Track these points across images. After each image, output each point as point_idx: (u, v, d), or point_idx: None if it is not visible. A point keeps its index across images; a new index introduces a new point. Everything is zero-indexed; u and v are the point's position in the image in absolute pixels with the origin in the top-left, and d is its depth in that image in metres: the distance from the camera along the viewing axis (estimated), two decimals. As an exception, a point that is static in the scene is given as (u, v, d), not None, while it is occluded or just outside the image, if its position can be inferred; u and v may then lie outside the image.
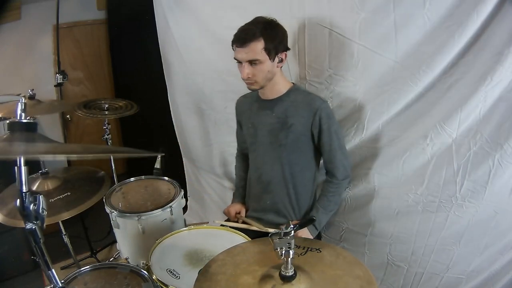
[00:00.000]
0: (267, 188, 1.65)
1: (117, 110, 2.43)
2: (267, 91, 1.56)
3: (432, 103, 1.47)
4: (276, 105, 1.56)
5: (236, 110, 1.78)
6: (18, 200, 0.87)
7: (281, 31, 1.48)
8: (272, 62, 1.45)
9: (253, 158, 1.71)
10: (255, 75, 1.45)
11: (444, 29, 1.34)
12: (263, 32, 1.40)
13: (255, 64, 1.43)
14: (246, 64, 1.43)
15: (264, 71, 1.45)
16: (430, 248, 1.62)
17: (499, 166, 1.37)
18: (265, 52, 1.41)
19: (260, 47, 1.40)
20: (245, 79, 1.47)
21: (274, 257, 0.91)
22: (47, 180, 1.71)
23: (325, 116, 1.49)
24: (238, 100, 1.77)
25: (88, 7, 3.20)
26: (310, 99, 1.53)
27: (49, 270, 0.94)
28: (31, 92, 1.99)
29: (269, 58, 1.43)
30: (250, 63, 1.43)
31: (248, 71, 1.44)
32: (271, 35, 1.42)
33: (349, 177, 1.65)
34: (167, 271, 1.32)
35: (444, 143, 1.47)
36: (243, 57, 1.42)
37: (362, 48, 1.53)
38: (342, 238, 1.90)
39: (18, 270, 2.42)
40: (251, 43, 1.39)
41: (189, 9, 2.12)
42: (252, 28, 1.41)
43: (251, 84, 1.50)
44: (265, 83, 1.50)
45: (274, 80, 1.52)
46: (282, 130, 1.54)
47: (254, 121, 1.64)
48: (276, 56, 1.45)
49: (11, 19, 2.68)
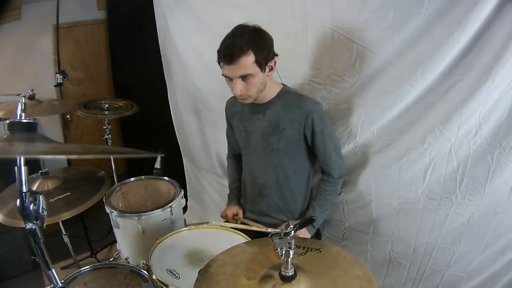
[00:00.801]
0: (262, 192, 1.65)
1: (117, 110, 2.43)
2: (258, 97, 1.52)
3: (430, 106, 1.44)
4: (268, 109, 1.53)
5: (226, 111, 1.74)
6: (18, 200, 0.87)
7: (268, 38, 1.40)
8: (264, 73, 1.39)
9: (247, 161, 1.69)
10: (248, 90, 1.39)
11: (443, 28, 1.31)
12: (250, 44, 1.31)
13: (247, 79, 1.36)
14: (237, 81, 1.36)
15: (257, 84, 1.39)
16: (431, 245, 1.63)
17: (498, 164, 1.37)
18: (257, 65, 1.34)
19: (251, 61, 1.32)
20: (238, 96, 1.41)
21: (274, 257, 0.91)
22: (47, 180, 1.71)
23: (317, 119, 1.46)
24: (228, 101, 1.73)
25: (88, 7, 3.20)
26: (301, 102, 1.49)
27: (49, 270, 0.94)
28: (31, 92, 1.98)
29: (260, 70, 1.37)
30: (242, 79, 1.36)
31: (240, 88, 1.37)
32: (260, 46, 1.34)
33: (344, 176, 1.64)
34: (167, 271, 1.32)
35: (443, 147, 1.45)
36: (234, 74, 1.35)
37: (361, 48, 1.51)
38: (345, 236, 1.90)
39: (18, 270, 2.42)
40: (240, 58, 1.31)
41: (187, 8, 2.11)
42: (238, 42, 1.31)
43: (244, 100, 1.44)
44: (257, 95, 1.45)
45: (265, 87, 1.48)
46: (274, 135, 1.52)
47: (246, 125, 1.61)
48: (266, 66, 1.40)
49: (11, 19, 2.68)
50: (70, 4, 2.93)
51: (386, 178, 1.64)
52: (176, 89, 2.52)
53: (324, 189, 1.60)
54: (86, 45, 3.29)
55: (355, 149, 1.68)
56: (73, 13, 3.06)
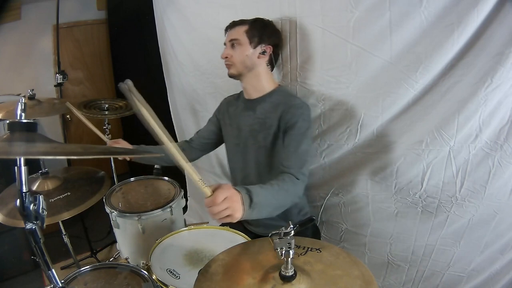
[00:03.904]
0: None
1: (117, 110, 2.43)
2: (250, 88, 1.53)
3: (429, 107, 1.41)
4: (258, 105, 1.53)
5: (219, 107, 1.73)
6: (18, 200, 0.87)
7: (272, 27, 1.54)
8: (253, 49, 1.47)
9: (237, 159, 1.65)
10: (233, 57, 1.49)
11: (443, 28, 1.29)
12: (252, 21, 1.49)
13: (235, 46, 1.48)
14: (228, 44, 1.51)
15: (242, 54, 1.47)
16: (431, 247, 1.62)
17: (499, 166, 1.36)
18: (246, 35, 1.46)
19: (243, 29, 1.47)
20: (223, 58, 1.51)
21: (274, 257, 0.90)
22: (47, 180, 1.71)
23: (298, 114, 1.40)
24: (225, 100, 1.73)
25: (88, 7, 3.20)
26: (289, 100, 1.47)
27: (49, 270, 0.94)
28: (31, 92, 1.98)
29: (249, 42, 1.46)
30: (232, 45, 1.49)
31: (228, 51, 1.50)
32: (258, 25, 1.49)
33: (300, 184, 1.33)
34: (167, 271, 1.32)
35: (441, 150, 1.43)
36: (227, 39, 1.51)
37: (356, 48, 1.47)
38: (342, 238, 1.89)
39: (18, 270, 2.42)
40: (237, 26, 1.50)
41: (178, 8, 2.10)
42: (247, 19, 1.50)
43: (229, 67, 1.52)
44: (242, 70, 1.49)
45: (257, 75, 1.50)
46: (261, 132, 1.50)
47: (238, 122, 1.60)
48: (259, 45, 1.48)
49: (11, 19, 2.68)
50: (70, 4, 2.93)
51: (382, 181, 1.61)
52: (174, 90, 2.52)
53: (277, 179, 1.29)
54: (86, 45, 3.30)
55: (354, 149, 1.66)
56: (73, 13, 3.06)
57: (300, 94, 1.69)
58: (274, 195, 1.22)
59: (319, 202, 1.87)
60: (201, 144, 1.80)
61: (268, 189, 1.21)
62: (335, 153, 1.72)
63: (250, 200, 1.10)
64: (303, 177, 1.33)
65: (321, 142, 1.73)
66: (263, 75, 1.52)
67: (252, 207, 1.10)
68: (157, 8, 2.36)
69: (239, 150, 1.62)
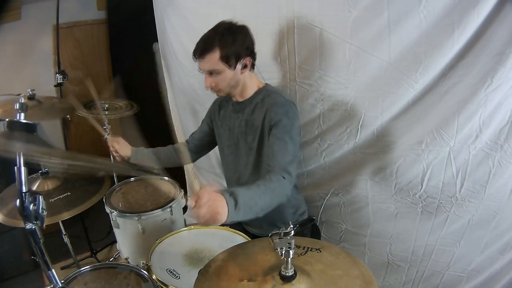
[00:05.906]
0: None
1: (117, 110, 2.43)
2: (237, 95, 1.52)
3: (429, 107, 1.41)
4: (246, 107, 1.51)
5: (211, 108, 1.72)
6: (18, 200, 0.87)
7: (242, 35, 1.41)
8: (233, 70, 1.40)
9: (229, 160, 1.63)
10: (217, 85, 1.44)
11: (443, 28, 1.28)
12: (220, 41, 1.36)
13: (214, 75, 1.41)
14: (207, 74, 1.43)
15: (226, 80, 1.42)
16: (431, 248, 1.62)
17: (499, 167, 1.36)
18: (222, 61, 1.37)
19: (216, 58, 1.37)
20: (208, 88, 1.46)
21: (274, 257, 0.90)
22: (47, 180, 1.71)
23: (282, 112, 1.37)
24: (216, 100, 1.71)
25: (88, 7, 3.20)
26: (273, 98, 1.44)
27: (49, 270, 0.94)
28: (31, 92, 1.98)
29: (228, 67, 1.39)
30: (210, 74, 1.41)
31: (210, 81, 1.43)
32: (228, 43, 1.36)
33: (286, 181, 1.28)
34: (167, 271, 1.32)
35: (441, 151, 1.43)
36: (203, 68, 1.42)
37: (354, 48, 1.47)
38: (342, 238, 1.89)
39: (18, 270, 2.42)
40: (207, 54, 1.37)
41: (180, 8, 2.10)
42: (211, 36, 1.38)
43: (216, 93, 1.49)
44: (230, 90, 1.47)
45: (243, 85, 1.48)
46: (250, 133, 1.49)
47: (229, 123, 1.59)
48: (238, 63, 1.40)
49: (11, 19, 2.68)
50: (70, 4, 2.93)
51: (381, 182, 1.62)
52: (174, 89, 2.52)
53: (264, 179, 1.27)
54: (86, 45, 3.29)
55: (354, 149, 1.66)
56: (73, 13, 3.05)
57: (299, 94, 1.69)
58: (260, 195, 1.19)
59: (319, 202, 1.87)
60: (195, 146, 1.79)
61: (254, 190, 1.19)
62: (335, 153, 1.72)
63: (235, 202, 1.09)
64: (289, 176, 1.29)
65: (321, 142, 1.73)
66: (248, 82, 1.49)
67: (237, 208, 1.08)
68: (157, 8, 2.36)
69: (231, 151, 1.61)
